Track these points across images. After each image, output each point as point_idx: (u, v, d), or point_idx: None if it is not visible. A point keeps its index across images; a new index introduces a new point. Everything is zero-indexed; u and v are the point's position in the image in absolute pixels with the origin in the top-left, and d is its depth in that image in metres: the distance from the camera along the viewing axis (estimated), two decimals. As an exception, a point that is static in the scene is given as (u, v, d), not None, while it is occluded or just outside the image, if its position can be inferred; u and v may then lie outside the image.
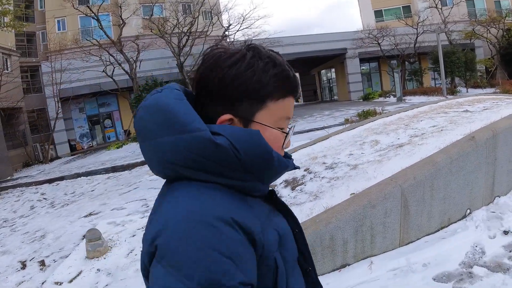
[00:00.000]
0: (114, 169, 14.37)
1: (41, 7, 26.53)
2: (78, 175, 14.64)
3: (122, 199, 9.09)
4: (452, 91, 26.52)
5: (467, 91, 27.95)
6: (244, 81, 0.82)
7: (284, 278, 0.84)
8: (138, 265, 4.49)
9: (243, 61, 0.84)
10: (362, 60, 34.31)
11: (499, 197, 4.20)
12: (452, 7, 31.36)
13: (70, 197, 11.10)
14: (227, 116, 0.84)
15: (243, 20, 23.45)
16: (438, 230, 3.72)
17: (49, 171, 18.65)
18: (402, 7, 37.11)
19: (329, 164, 4.95)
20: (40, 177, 16.67)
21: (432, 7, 31.02)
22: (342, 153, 5.19)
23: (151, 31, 22.08)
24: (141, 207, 7.77)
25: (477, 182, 3.95)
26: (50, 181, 14.70)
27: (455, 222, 3.84)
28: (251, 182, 0.83)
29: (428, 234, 3.68)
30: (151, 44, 23.00)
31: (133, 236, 5.78)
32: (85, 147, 26.77)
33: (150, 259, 0.76)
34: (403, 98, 24.12)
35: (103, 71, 21.79)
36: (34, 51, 26.66)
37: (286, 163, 0.87)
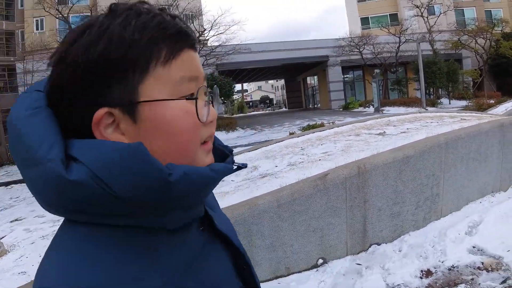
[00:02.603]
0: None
1: (21, 6, 26.53)
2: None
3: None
4: (433, 103, 26.36)
5: (449, 103, 27.78)
6: (100, 53, 0.53)
7: None
8: (18, 269, 4.70)
9: (92, 27, 0.54)
10: (346, 68, 34.07)
11: (379, 244, 3.83)
12: (438, 16, 31.16)
13: (13, 202, 11.08)
14: (101, 112, 0.54)
15: (211, 26, 23.29)
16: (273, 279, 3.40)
17: (15, 172, 18.49)
18: (389, 14, 36.96)
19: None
20: (1, 179, 16.51)
21: (418, 15, 30.85)
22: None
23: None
24: (56, 216, 7.95)
25: (333, 228, 3.54)
26: (7, 184, 14.53)
27: (298, 272, 3.47)
28: (150, 217, 0.56)
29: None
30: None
31: (32, 243, 5.88)
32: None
33: None
34: (381, 108, 23.96)
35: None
36: (12, 50, 26.66)
37: (206, 175, 0.57)
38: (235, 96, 68.52)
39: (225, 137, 18.91)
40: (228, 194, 4.19)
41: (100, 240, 0.54)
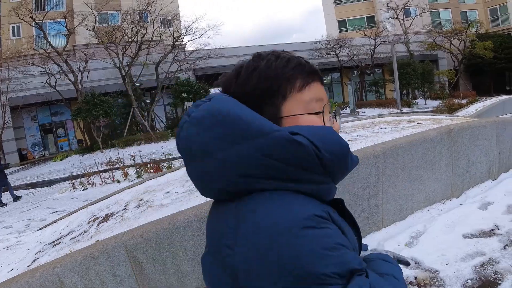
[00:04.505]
0: (35, 185, 13.96)
1: (0, 12, 25.97)
2: (4, 190, 14.24)
3: (17, 217, 9.26)
4: (408, 104, 26.62)
5: (425, 103, 28.11)
6: (250, 85, 0.82)
7: None
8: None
9: (244, 68, 0.85)
10: (324, 71, 34.15)
11: None
12: (414, 18, 31.54)
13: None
14: None
15: (185, 32, 23.10)
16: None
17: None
18: (366, 17, 37.30)
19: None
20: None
21: (394, 18, 31.18)
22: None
23: (99, 41, 21.66)
24: (22, 227, 7.99)
25: None
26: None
27: None
28: (327, 185, 0.79)
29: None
30: (97, 53, 22.56)
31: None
32: (37, 156, 26.16)
33: (246, 281, 0.69)
34: (357, 110, 24.09)
35: (46, 82, 21.31)
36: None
37: (356, 158, 0.83)
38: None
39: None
40: (164, 206, 4.09)
41: (293, 195, 0.74)
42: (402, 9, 31.39)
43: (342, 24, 37.78)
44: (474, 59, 32.25)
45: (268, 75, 0.81)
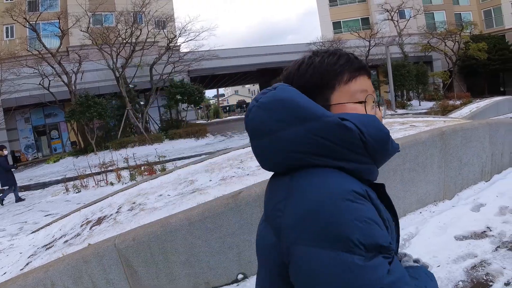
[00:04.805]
0: (29, 187, 13.88)
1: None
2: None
3: (11, 220, 9.21)
4: (403, 105, 26.72)
5: (419, 104, 28.23)
6: (305, 78, 0.97)
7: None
8: None
9: (303, 63, 1.00)
10: (318, 72, 34.22)
11: None
12: (408, 20, 31.67)
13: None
14: None
15: (180, 33, 22.98)
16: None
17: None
18: (361, 19, 37.39)
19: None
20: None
21: (388, 19, 31.29)
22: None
23: (93, 43, 21.55)
24: (15, 230, 7.96)
25: (250, 244, 3.52)
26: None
27: (219, 286, 3.45)
28: (368, 165, 0.90)
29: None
30: (91, 55, 22.45)
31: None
32: (30, 159, 26.00)
33: (298, 244, 0.81)
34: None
35: (40, 83, 21.18)
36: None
37: (397, 145, 0.95)
38: (212, 101, 67.91)
39: (194, 145, 18.66)
40: (157, 210, 4.07)
41: (338, 172, 0.86)
42: (397, 11, 31.52)
43: (336, 25, 37.83)
44: (468, 61, 32.43)
45: (320, 70, 0.97)
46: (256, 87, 69.28)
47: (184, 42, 23.67)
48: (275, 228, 0.88)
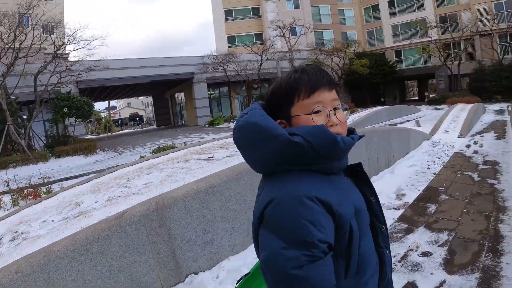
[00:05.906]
0: None
1: None
2: None
3: None
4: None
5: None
6: (275, 95, 1.22)
7: (358, 240, 1.15)
8: None
9: (277, 82, 1.24)
10: (212, 85, 34.75)
11: (196, 274, 3.67)
12: (299, 37, 33.68)
13: None
14: (278, 121, 1.19)
15: (68, 41, 21.42)
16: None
17: None
18: (255, 34, 38.87)
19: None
20: None
21: (280, 35, 32.95)
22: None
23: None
24: None
25: (139, 265, 3.40)
26: None
27: None
28: (327, 163, 1.13)
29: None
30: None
31: None
32: None
33: (259, 224, 1.12)
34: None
35: None
36: None
37: (350, 140, 1.15)
38: (103, 114, 63.86)
39: (83, 162, 17.38)
40: (40, 238, 3.78)
41: (303, 174, 1.11)
42: (289, 28, 33.33)
43: (231, 39, 38.72)
44: (353, 75, 35.63)
45: (284, 86, 1.19)
46: (149, 99, 66.62)
47: (73, 50, 21.58)
48: (254, 211, 1.16)
